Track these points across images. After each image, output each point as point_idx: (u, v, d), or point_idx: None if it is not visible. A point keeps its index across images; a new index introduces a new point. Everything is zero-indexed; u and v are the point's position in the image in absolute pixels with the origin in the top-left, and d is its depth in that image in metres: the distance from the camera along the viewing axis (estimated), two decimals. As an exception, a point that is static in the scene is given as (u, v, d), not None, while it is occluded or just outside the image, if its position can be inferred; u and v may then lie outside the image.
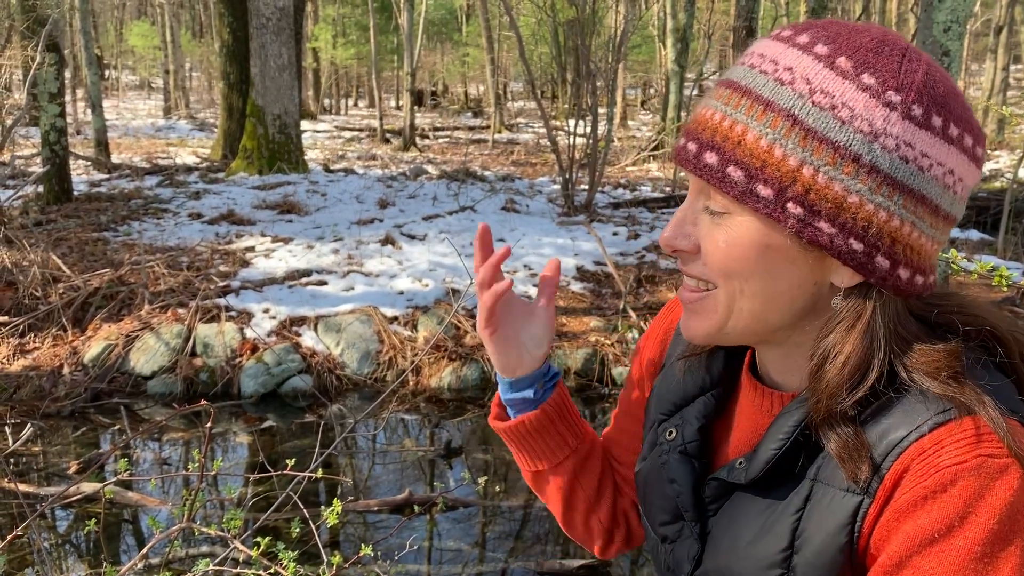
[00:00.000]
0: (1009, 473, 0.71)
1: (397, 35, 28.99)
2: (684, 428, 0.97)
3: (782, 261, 0.80)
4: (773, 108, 0.77)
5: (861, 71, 0.76)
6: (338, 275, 7.10)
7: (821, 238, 0.77)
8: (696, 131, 0.82)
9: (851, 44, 0.78)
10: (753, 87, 0.79)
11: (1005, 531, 0.70)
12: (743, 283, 0.82)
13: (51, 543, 3.94)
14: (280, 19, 11.66)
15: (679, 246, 0.85)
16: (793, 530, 0.81)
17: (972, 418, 0.74)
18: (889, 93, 0.76)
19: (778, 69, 0.79)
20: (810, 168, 0.76)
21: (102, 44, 37.83)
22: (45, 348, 5.91)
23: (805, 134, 0.76)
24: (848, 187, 0.76)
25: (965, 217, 10.77)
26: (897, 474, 0.75)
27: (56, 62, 9.35)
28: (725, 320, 0.85)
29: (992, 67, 19.82)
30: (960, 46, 5.88)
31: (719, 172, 0.79)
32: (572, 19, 11.74)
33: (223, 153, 14.16)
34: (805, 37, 0.80)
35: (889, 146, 0.75)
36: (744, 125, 0.78)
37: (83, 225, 8.61)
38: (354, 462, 5.11)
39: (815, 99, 0.76)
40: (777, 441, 0.83)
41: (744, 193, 0.78)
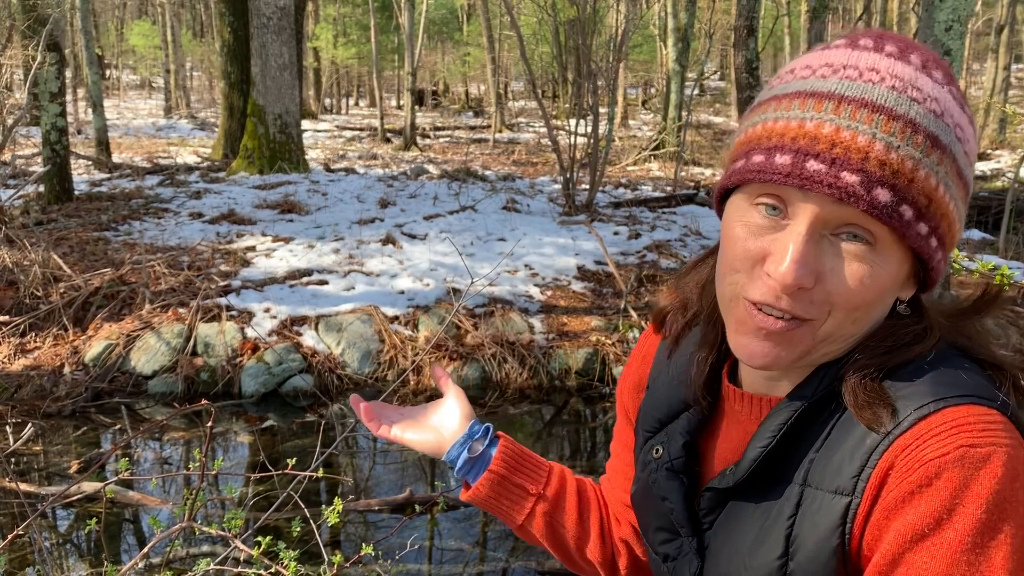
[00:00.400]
0: (992, 461, 0.71)
1: (398, 34, 28.99)
2: (669, 445, 0.97)
3: (896, 286, 0.82)
4: (939, 145, 0.77)
5: (965, 103, 0.82)
6: (339, 275, 7.10)
7: (934, 260, 0.81)
8: (851, 159, 0.75)
9: (946, 70, 0.81)
10: (914, 117, 0.76)
11: (993, 520, 0.70)
12: (861, 312, 0.80)
13: (52, 542, 3.94)
14: (281, 18, 11.66)
15: (808, 285, 0.78)
16: (787, 536, 0.81)
17: (950, 410, 0.75)
18: (968, 109, 0.82)
19: (926, 98, 0.77)
20: (953, 203, 0.80)
21: (103, 43, 37.83)
22: (46, 347, 5.91)
23: (958, 171, 0.80)
24: (958, 208, 0.81)
25: (967, 216, 10.77)
26: (883, 472, 0.76)
27: (57, 61, 9.35)
28: (815, 345, 0.82)
29: (993, 66, 19.81)
30: (961, 45, 5.87)
31: (892, 210, 0.76)
32: (573, 18, 11.74)
33: (224, 152, 14.17)
34: (917, 57, 0.79)
35: (972, 156, 0.82)
36: (916, 162, 0.76)
37: (84, 225, 8.61)
38: (355, 461, 5.11)
39: (957, 133, 0.79)
40: (764, 440, 0.84)
41: (909, 231, 0.77)
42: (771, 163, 0.77)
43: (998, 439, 0.72)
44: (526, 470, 1.10)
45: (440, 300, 6.64)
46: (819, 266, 0.78)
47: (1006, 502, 0.70)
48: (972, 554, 0.70)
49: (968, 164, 0.81)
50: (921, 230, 0.77)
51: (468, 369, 5.96)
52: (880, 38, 0.81)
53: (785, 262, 0.77)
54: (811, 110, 0.77)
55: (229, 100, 14.19)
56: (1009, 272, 1.22)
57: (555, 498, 1.11)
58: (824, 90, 0.78)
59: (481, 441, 1.09)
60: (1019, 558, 0.70)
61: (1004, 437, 0.73)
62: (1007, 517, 0.70)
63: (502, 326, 6.30)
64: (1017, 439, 0.74)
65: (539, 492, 1.10)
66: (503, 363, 6.01)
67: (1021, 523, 0.71)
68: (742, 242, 0.81)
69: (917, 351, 0.81)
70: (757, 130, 0.81)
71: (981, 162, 17.08)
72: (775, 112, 0.80)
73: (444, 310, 6.44)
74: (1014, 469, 0.71)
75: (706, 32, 23.59)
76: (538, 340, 6.23)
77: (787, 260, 0.77)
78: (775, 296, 0.79)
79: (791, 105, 0.79)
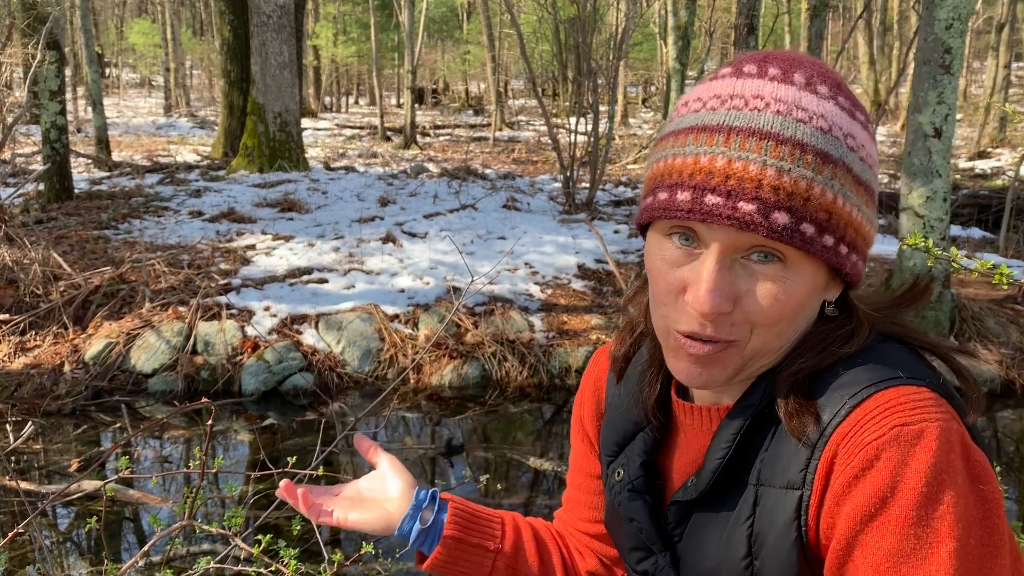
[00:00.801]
0: (925, 436, 0.74)
1: (398, 33, 28.97)
2: (629, 466, 1.00)
3: (815, 296, 0.85)
4: (830, 160, 0.80)
5: (855, 109, 0.84)
6: (339, 273, 7.10)
7: (847, 266, 0.84)
8: (746, 189, 0.78)
9: (833, 81, 0.84)
10: (801, 138, 0.79)
11: (933, 491, 0.73)
12: (784, 325, 0.84)
13: (52, 541, 3.94)
14: (281, 17, 11.66)
15: (726, 310, 0.82)
16: (748, 537, 0.85)
17: (882, 393, 0.78)
18: (860, 114, 0.84)
19: (812, 116, 0.80)
20: (856, 209, 0.83)
21: (103, 42, 37.81)
22: (46, 346, 5.91)
23: (855, 179, 0.82)
24: (863, 212, 0.84)
25: (967, 215, 10.77)
26: (828, 461, 0.79)
27: (56, 60, 9.35)
28: (745, 363, 0.86)
29: (994, 65, 19.79)
30: (962, 43, 5.87)
31: (792, 231, 0.79)
32: (573, 17, 11.73)
33: (224, 151, 14.16)
34: (801, 76, 0.82)
35: (870, 160, 0.85)
36: (809, 181, 0.79)
37: (84, 223, 8.61)
38: (355, 460, 5.11)
39: (848, 143, 0.82)
40: (720, 450, 0.87)
41: (813, 247, 0.80)
42: (673, 200, 0.81)
43: (929, 415, 0.76)
44: (480, 528, 1.11)
45: (440, 298, 6.64)
46: (734, 290, 0.81)
47: (943, 472, 0.73)
48: (918, 526, 0.73)
49: (866, 168, 0.84)
50: (827, 242, 0.81)
51: (468, 367, 5.96)
52: (764, 61, 0.84)
53: (701, 291, 0.81)
54: (704, 144, 0.81)
55: (229, 98, 14.18)
56: (1009, 271, 1.22)
57: (513, 549, 1.13)
58: (714, 123, 0.81)
59: (430, 508, 1.09)
60: (964, 524, 0.73)
61: (935, 412, 0.76)
62: (946, 487, 0.73)
63: (502, 324, 6.30)
64: (948, 412, 0.78)
65: (497, 547, 1.11)
66: (503, 361, 6.01)
67: (960, 490, 0.74)
68: (663, 276, 0.85)
69: (848, 349, 0.85)
70: (660, 167, 0.85)
71: (981, 160, 17.07)
72: (673, 148, 0.84)
73: (444, 308, 6.44)
74: (947, 441, 0.75)
75: (706, 30, 23.57)
76: (538, 338, 6.23)
77: (702, 290, 0.81)
78: (700, 325, 0.83)
79: (686, 140, 0.82)
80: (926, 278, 0.96)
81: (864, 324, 0.87)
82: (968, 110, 23.26)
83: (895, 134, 21.58)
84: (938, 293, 6.05)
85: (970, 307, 6.27)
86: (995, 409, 5.71)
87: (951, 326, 6.13)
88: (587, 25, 10.63)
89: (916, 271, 6.01)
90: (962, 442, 0.76)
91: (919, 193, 5.88)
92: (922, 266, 5.97)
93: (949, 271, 6.05)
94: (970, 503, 0.74)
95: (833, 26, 32.25)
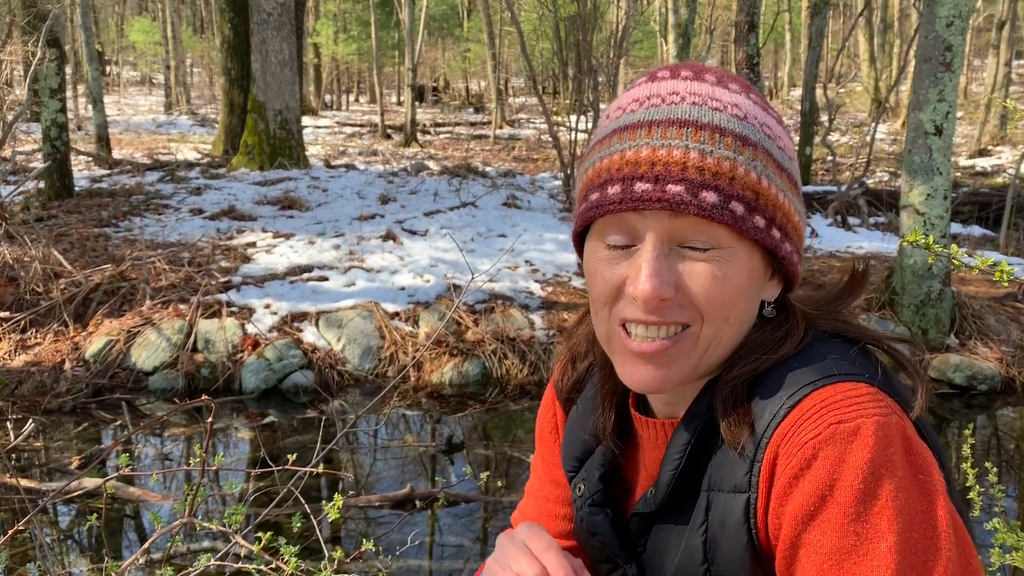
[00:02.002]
0: (861, 433, 0.75)
1: (398, 31, 28.94)
2: (588, 481, 1.02)
3: (754, 283, 0.87)
4: (749, 143, 0.83)
5: (768, 107, 0.88)
6: (339, 271, 7.10)
7: (781, 250, 0.86)
8: (672, 172, 0.81)
9: (742, 83, 0.89)
10: (719, 123, 0.83)
11: (871, 487, 0.74)
12: (731, 311, 0.85)
13: (53, 538, 3.94)
14: (281, 14, 11.65)
15: (668, 295, 0.83)
16: (703, 542, 0.86)
17: (818, 392, 0.80)
18: (771, 111, 0.89)
19: (727, 105, 0.84)
20: (782, 193, 0.86)
21: (103, 40, 37.78)
22: (46, 344, 5.91)
23: (777, 164, 0.85)
24: (789, 199, 0.87)
25: (967, 212, 10.77)
26: (770, 463, 0.80)
27: (57, 58, 9.34)
28: (701, 356, 0.87)
29: (994, 62, 19.77)
30: (962, 41, 5.86)
31: (722, 209, 0.81)
32: (574, 14, 11.73)
33: (224, 149, 14.15)
34: (712, 76, 0.87)
35: (789, 152, 0.89)
36: (732, 161, 0.82)
37: (84, 221, 8.60)
38: (355, 457, 5.12)
39: (765, 131, 0.86)
40: (672, 463, 0.89)
41: (745, 225, 0.82)
42: (605, 196, 0.84)
43: (865, 411, 0.77)
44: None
45: (440, 296, 6.64)
46: (674, 277, 0.84)
47: (881, 468, 0.74)
48: (857, 523, 0.73)
49: (786, 158, 0.87)
50: (758, 223, 0.83)
51: (469, 365, 5.96)
52: (676, 68, 0.89)
53: (641, 278, 0.83)
54: (627, 141, 0.84)
55: (229, 96, 14.17)
56: (1009, 268, 1.22)
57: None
58: (635, 121, 0.85)
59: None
60: (905, 517, 0.73)
61: (872, 408, 0.77)
62: (883, 481, 0.74)
63: (503, 322, 6.30)
64: (887, 406, 0.78)
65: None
66: (504, 359, 6.01)
67: (900, 484, 0.74)
68: (601, 276, 0.87)
69: (785, 351, 0.86)
70: (589, 174, 0.88)
71: (982, 158, 17.06)
72: (599, 153, 0.87)
73: (444, 306, 6.44)
74: (885, 436, 0.75)
75: (707, 28, 23.54)
76: (539, 336, 6.23)
77: (642, 276, 0.83)
78: (644, 312, 0.84)
79: (611, 143, 0.86)
80: (861, 265, 0.97)
81: (800, 325, 0.89)
82: (969, 108, 23.24)
83: (896, 132, 21.56)
84: (938, 291, 6.04)
85: (970, 305, 6.27)
86: (995, 407, 5.71)
87: (951, 324, 6.13)
88: (587, 23, 10.62)
89: (916, 269, 6.01)
90: (902, 435, 0.76)
91: (920, 191, 5.88)
92: (922, 263, 5.97)
93: (949, 268, 6.04)
94: (911, 496, 0.74)
95: (834, 24, 32.22)
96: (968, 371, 5.77)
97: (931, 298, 6.03)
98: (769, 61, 35.70)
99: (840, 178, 12.41)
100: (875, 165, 15.28)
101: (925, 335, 6.03)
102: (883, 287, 6.31)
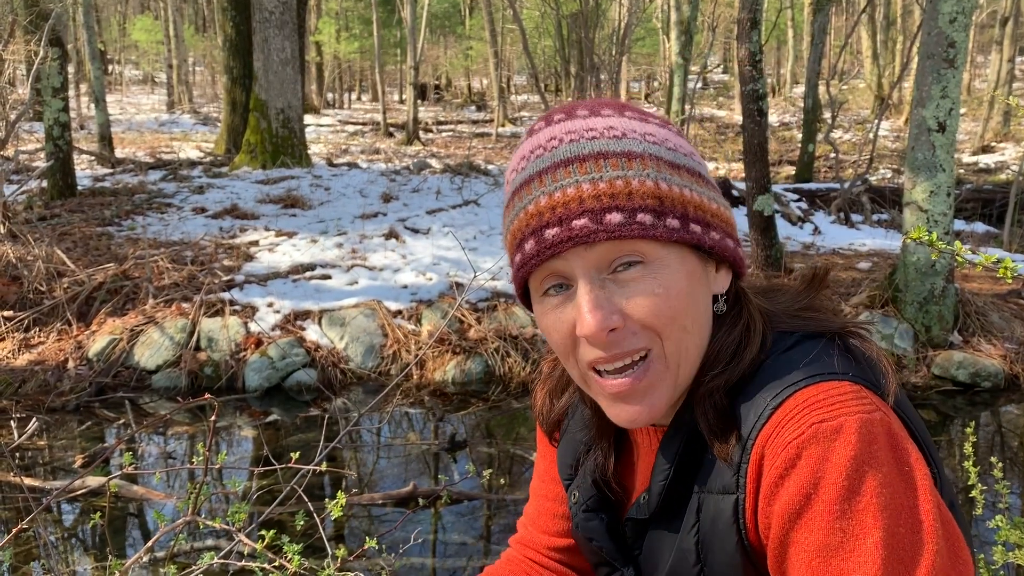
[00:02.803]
0: (844, 432, 0.76)
1: (400, 29, 28.94)
2: (582, 487, 1.04)
3: (697, 283, 0.88)
4: (634, 155, 0.85)
5: (647, 116, 0.91)
6: (342, 269, 7.11)
7: (707, 242, 0.87)
8: (572, 209, 0.83)
9: (617, 105, 0.92)
10: (599, 149, 0.85)
11: (855, 484, 0.75)
12: (684, 319, 0.86)
13: (57, 536, 3.95)
14: (283, 13, 11.65)
15: (615, 324, 0.84)
16: (696, 543, 0.87)
17: (800, 392, 0.81)
18: (652, 119, 0.92)
19: (602, 131, 0.87)
20: (686, 189, 0.87)
21: (105, 39, 37.81)
22: (50, 342, 5.92)
23: (670, 164, 0.87)
24: (696, 191, 0.88)
25: (971, 209, 10.75)
26: (756, 463, 0.81)
27: (59, 57, 9.35)
28: (675, 373, 0.88)
29: (998, 59, 19.72)
30: (966, 37, 5.85)
31: (630, 224, 0.82)
32: (576, 12, 11.71)
33: (226, 147, 14.16)
34: (584, 109, 0.90)
35: (682, 149, 0.91)
36: (624, 178, 0.83)
37: (87, 220, 8.61)
38: (358, 456, 5.12)
39: (648, 139, 0.87)
40: (663, 472, 0.90)
41: (659, 231, 0.83)
42: (524, 254, 0.86)
43: (847, 408, 0.78)
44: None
45: (443, 294, 6.64)
46: (615, 305, 0.84)
47: (864, 464, 0.75)
48: (843, 519, 0.74)
49: (680, 155, 0.89)
50: (672, 224, 0.84)
51: (471, 363, 5.96)
52: (550, 114, 0.92)
53: (584, 317, 0.84)
54: (526, 197, 0.87)
55: (231, 95, 14.18)
56: (1013, 265, 1.22)
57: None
58: (527, 176, 0.88)
59: None
60: (891, 513, 0.74)
61: (854, 405, 0.78)
62: (868, 478, 0.75)
63: (505, 320, 6.30)
64: (870, 403, 0.79)
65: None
66: (506, 357, 6.01)
67: (886, 479, 0.75)
68: (553, 328, 0.89)
69: (751, 356, 0.87)
70: (508, 238, 0.91)
71: (985, 155, 17.02)
72: (509, 217, 0.90)
73: (447, 304, 6.44)
74: (868, 433, 0.76)
75: (709, 25, 23.51)
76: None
77: (584, 313, 0.84)
78: (603, 349, 0.85)
79: (514, 204, 0.89)
80: (822, 268, 0.99)
81: (756, 318, 0.90)
82: (972, 104, 23.19)
83: (899, 129, 21.52)
84: (942, 288, 6.03)
85: (974, 302, 6.26)
86: (999, 404, 5.70)
87: (955, 321, 6.12)
88: (589, 20, 10.61)
89: (920, 266, 6.00)
90: (887, 431, 0.77)
91: (923, 188, 5.87)
92: (926, 260, 5.96)
93: (953, 265, 6.03)
94: (897, 491, 0.75)
95: (836, 20, 32.15)
96: (971, 368, 5.76)
97: (934, 295, 6.02)
98: (772, 58, 35.66)
99: (843, 175, 12.39)
100: (878, 162, 15.26)
101: (928, 332, 6.02)
102: (886, 284, 6.30)
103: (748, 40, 6.79)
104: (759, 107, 6.86)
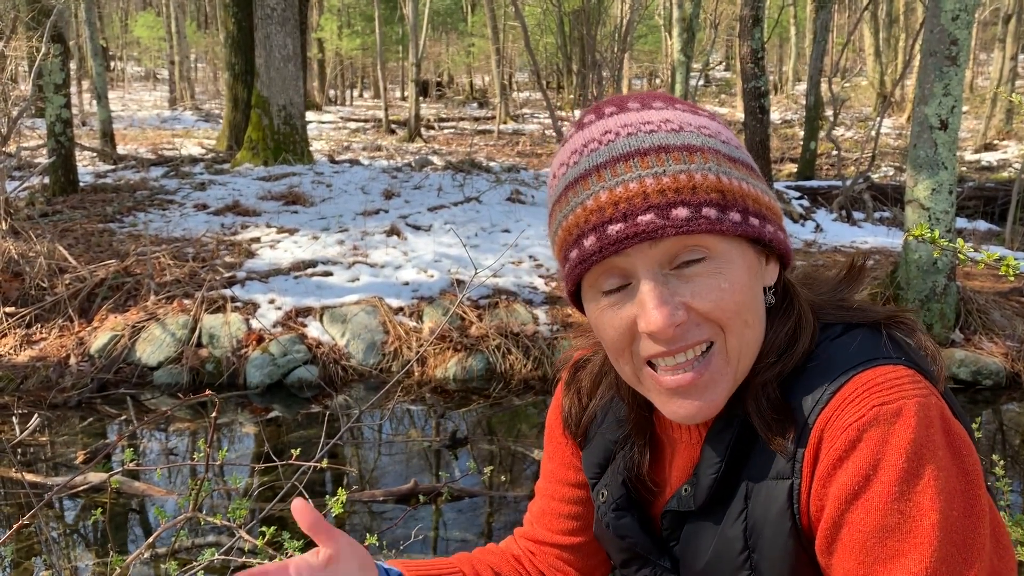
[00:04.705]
0: (904, 414, 0.77)
1: (402, 25, 28.91)
2: (611, 486, 1.03)
3: (755, 276, 0.88)
4: (695, 149, 0.84)
5: (697, 109, 0.91)
6: (343, 266, 7.11)
7: (766, 235, 0.86)
8: (636, 204, 0.82)
9: (665, 98, 0.91)
10: (659, 143, 0.84)
11: (914, 466, 0.76)
12: (747, 313, 0.86)
13: (58, 532, 3.96)
14: (285, 9, 11.64)
15: (681, 319, 0.84)
16: (743, 530, 0.87)
17: (859, 376, 0.81)
18: (703, 112, 0.92)
19: (659, 124, 0.86)
20: (743, 182, 0.86)
21: (107, 35, 37.80)
22: (52, 339, 5.93)
23: (728, 157, 0.87)
24: (751, 183, 0.88)
25: (973, 207, 10.74)
26: (814, 447, 0.82)
27: (61, 53, 9.35)
28: (735, 368, 0.87)
29: (1000, 56, 19.68)
30: (968, 35, 5.84)
31: (696, 219, 0.82)
32: (578, 9, 11.70)
33: (228, 144, 14.16)
34: (635, 103, 0.89)
35: (733, 142, 0.90)
36: (687, 172, 0.82)
37: (89, 216, 8.62)
38: (359, 452, 5.12)
39: (704, 132, 0.87)
40: (713, 465, 0.90)
41: (723, 226, 0.83)
42: (584, 251, 0.84)
43: (906, 392, 0.79)
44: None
45: (444, 291, 6.64)
46: (680, 299, 0.84)
47: (923, 448, 0.76)
48: (901, 501, 0.75)
49: (733, 148, 0.89)
50: (734, 218, 0.84)
51: (472, 360, 5.96)
52: (599, 107, 0.91)
53: (650, 312, 0.83)
54: (583, 192, 0.85)
55: (233, 91, 14.17)
56: (1015, 263, 1.22)
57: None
58: (583, 171, 0.86)
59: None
60: (946, 497, 0.75)
61: (912, 389, 0.79)
62: (926, 461, 0.76)
63: (506, 317, 6.30)
64: (926, 387, 0.80)
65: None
66: (507, 354, 6.01)
67: (942, 464, 0.76)
68: (609, 324, 0.87)
69: (803, 348, 0.87)
70: (560, 235, 0.88)
71: (987, 153, 16.99)
72: (561, 212, 0.88)
73: (448, 301, 6.44)
74: (926, 416, 0.77)
75: (711, 22, 23.50)
76: (542, 331, 6.23)
77: (649, 308, 0.83)
78: (666, 343, 0.85)
79: (568, 199, 0.87)
80: (860, 259, 0.99)
81: (807, 312, 0.90)
82: (974, 102, 23.15)
83: (901, 126, 21.49)
84: (943, 285, 6.03)
85: (975, 300, 6.25)
86: (1000, 402, 5.70)
87: (956, 319, 6.11)
88: (591, 17, 10.60)
89: (921, 263, 5.99)
90: (942, 416, 0.78)
91: (925, 185, 5.86)
92: (927, 258, 5.96)
93: (955, 263, 6.03)
94: (951, 476, 0.76)
95: (839, 18, 32.10)
96: (973, 366, 5.76)
97: (936, 293, 6.01)
98: (774, 55, 35.62)
99: (845, 173, 12.38)
100: (880, 160, 15.24)
101: (930, 330, 6.01)
102: (888, 282, 6.30)
103: (750, 37, 6.78)
104: (761, 104, 6.85)
